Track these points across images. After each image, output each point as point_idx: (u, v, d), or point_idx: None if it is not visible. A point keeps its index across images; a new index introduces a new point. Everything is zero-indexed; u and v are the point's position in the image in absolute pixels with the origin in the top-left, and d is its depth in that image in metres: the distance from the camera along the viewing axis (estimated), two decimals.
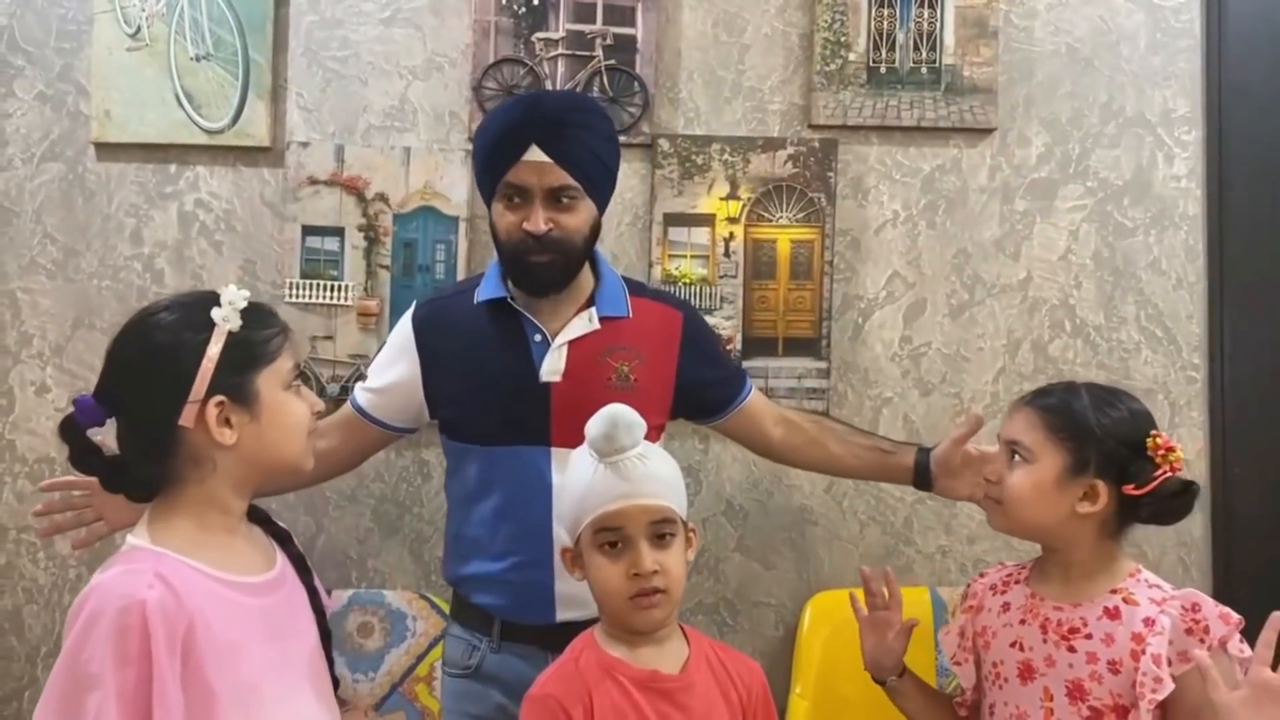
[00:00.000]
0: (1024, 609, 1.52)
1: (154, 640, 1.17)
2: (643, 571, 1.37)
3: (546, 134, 1.66)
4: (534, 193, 1.67)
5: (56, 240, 2.36)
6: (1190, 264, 2.35)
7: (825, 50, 2.33)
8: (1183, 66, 2.36)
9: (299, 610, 1.44)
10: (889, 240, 2.35)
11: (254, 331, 1.34)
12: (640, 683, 1.39)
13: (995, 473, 1.53)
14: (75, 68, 2.36)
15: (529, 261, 1.70)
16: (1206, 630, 1.38)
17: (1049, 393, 1.54)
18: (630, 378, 1.75)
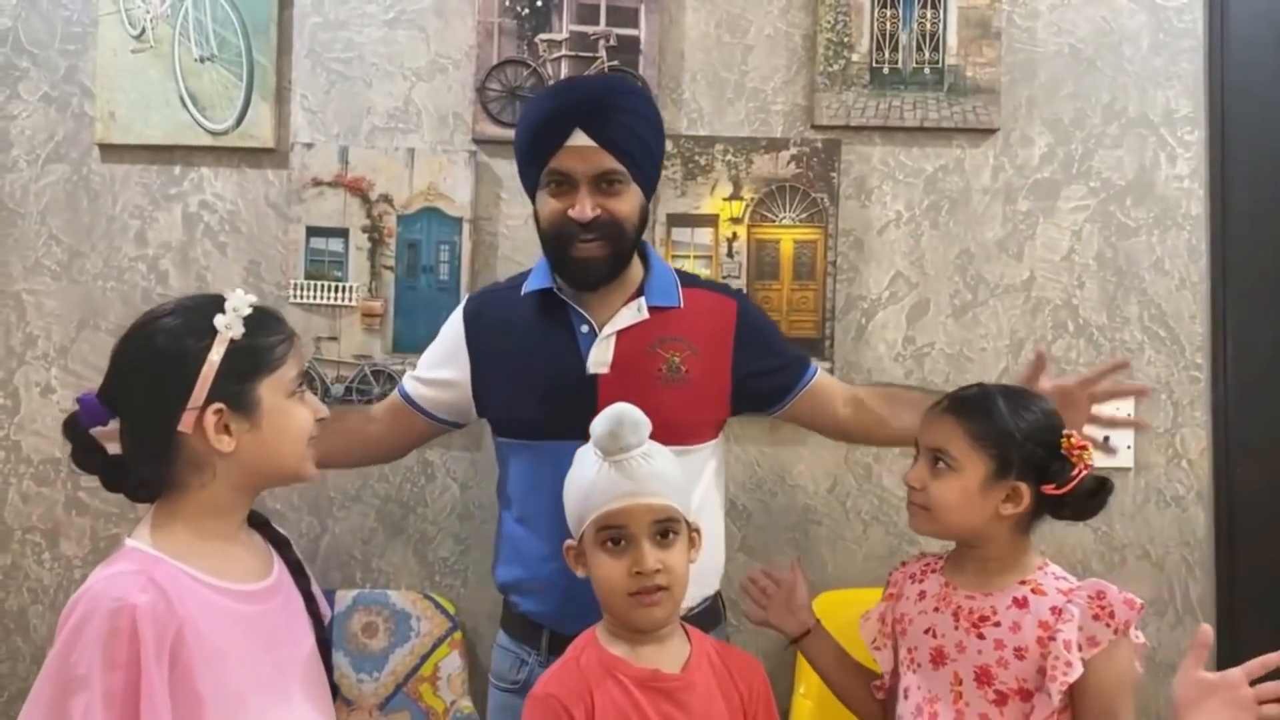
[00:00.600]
0: (938, 597, 1.55)
1: (143, 645, 1.16)
2: (645, 570, 1.38)
3: (590, 117, 1.63)
4: (579, 179, 1.63)
5: (61, 241, 2.36)
6: (1193, 264, 2.35)
7: (828, 51, 2.33)
8: (1185, 67, 2.36)
9: (294, 617, 1.42)
10: (892, 240, 2.36)
11: (257, 338, 1.33)
12: (641, 682, 1.40)
13: (919, 479, 1.53)
14: (80, 69, 2.37)
15: (575, 249, 1.65)
16: (1112, 615, 1.41)
17: (966, 400, 1.55)
18: (682, 369, 1.70)
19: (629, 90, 1.72)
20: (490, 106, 2.32)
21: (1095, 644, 1.41)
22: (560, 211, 1.65)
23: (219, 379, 1.29)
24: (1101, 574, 2.30)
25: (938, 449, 1.52)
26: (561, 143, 1.63)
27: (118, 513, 2.34)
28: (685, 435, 1.70)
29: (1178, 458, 2.34)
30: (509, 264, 2.33)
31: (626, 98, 1.68)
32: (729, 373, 1.76)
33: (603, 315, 1.71)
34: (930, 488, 1.52)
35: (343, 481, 2.29)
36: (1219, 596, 2.33)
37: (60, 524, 2.35)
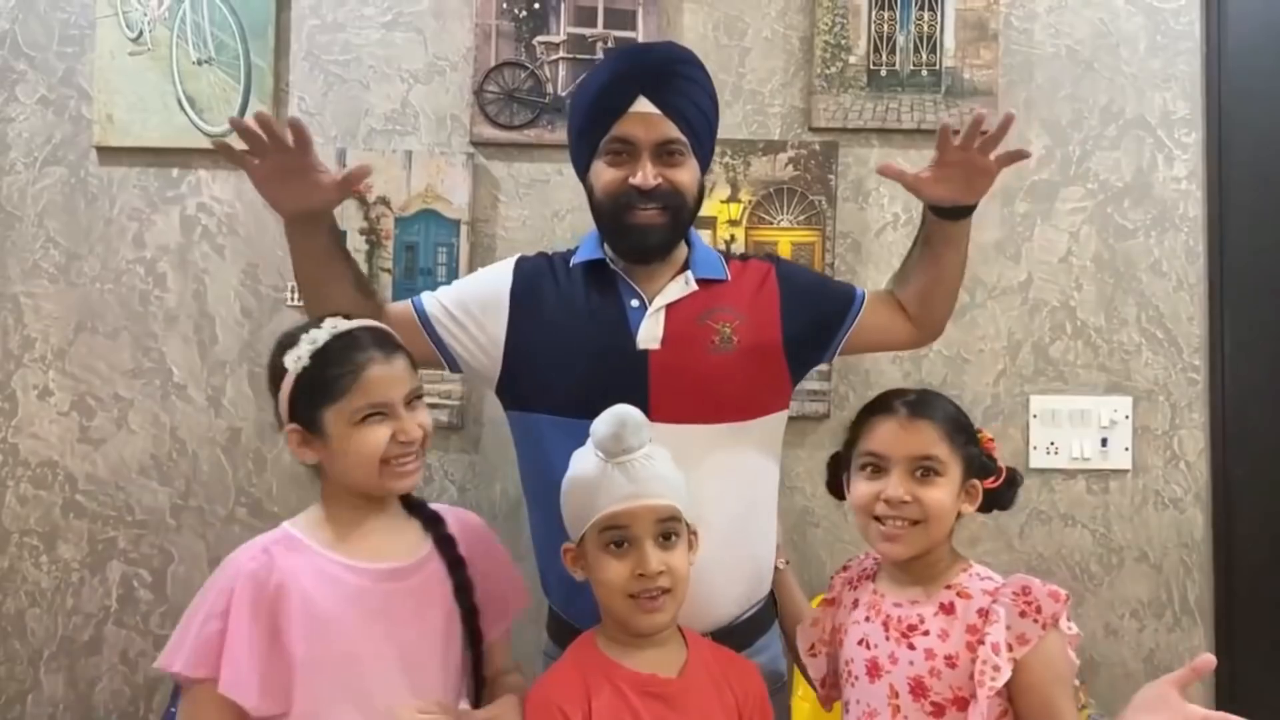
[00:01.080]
0: (869, 606, 1.52)
1: (236, 603, 1.35)
2: (648, 572, 1.38)
3: (655, 84, 1.59)
4: (641, 147, 1.59)
5: (59, 244, 2.36)
6: (1191, 265, 2.35)
7: (825, 53, 2.33)
8: (1182, 69, 2.37)
9: (428, 602, 1.47)
10: (890, 243, 2.36)
11: (324, 370, 1.43)
12: (638, 687, 1.39)
13: (909, 493, 1.46)
14: (78, 72, 2.37)
15: (634, 217, 1.60)
16: (1039, 610, 1.40)
17: (924, 403, 1.52)
18: (733, 339, 1.63)
19: (693, 60, 1.67)
20: (488, 109, 2.32)
21: (1025, 642, 1.39)
22: (620, 179, 1.61)
23: (294, 403, 1.44)
24: (1100, 576, 2.31)
25: (925, 456, 1.47)
26: (625, 109, 1.59)
27: (115, 516, 2.34)
28: (744, 408, 1.65)
29: (1176, 459, 2.34)
30: None
31: (690, 67, 1.65)
32: (779, 328, 1.68)
33: (652, 289, 1.65)
34: (924, 497, 1.46)
35: None
36: (1217, 598, 2.33)
37: (58, 527, 2.35)
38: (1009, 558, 2.12)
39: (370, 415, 1.42)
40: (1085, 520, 2.32)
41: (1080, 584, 2.28)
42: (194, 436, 2.34)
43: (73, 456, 2.35)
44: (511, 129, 2.32)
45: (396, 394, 1.44)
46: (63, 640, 2.34)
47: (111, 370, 2.35)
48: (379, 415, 1.43)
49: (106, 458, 2.35)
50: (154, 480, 2.34)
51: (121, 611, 2.33)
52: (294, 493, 2.30)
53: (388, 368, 1.44)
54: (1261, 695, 2.30)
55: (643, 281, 1.66)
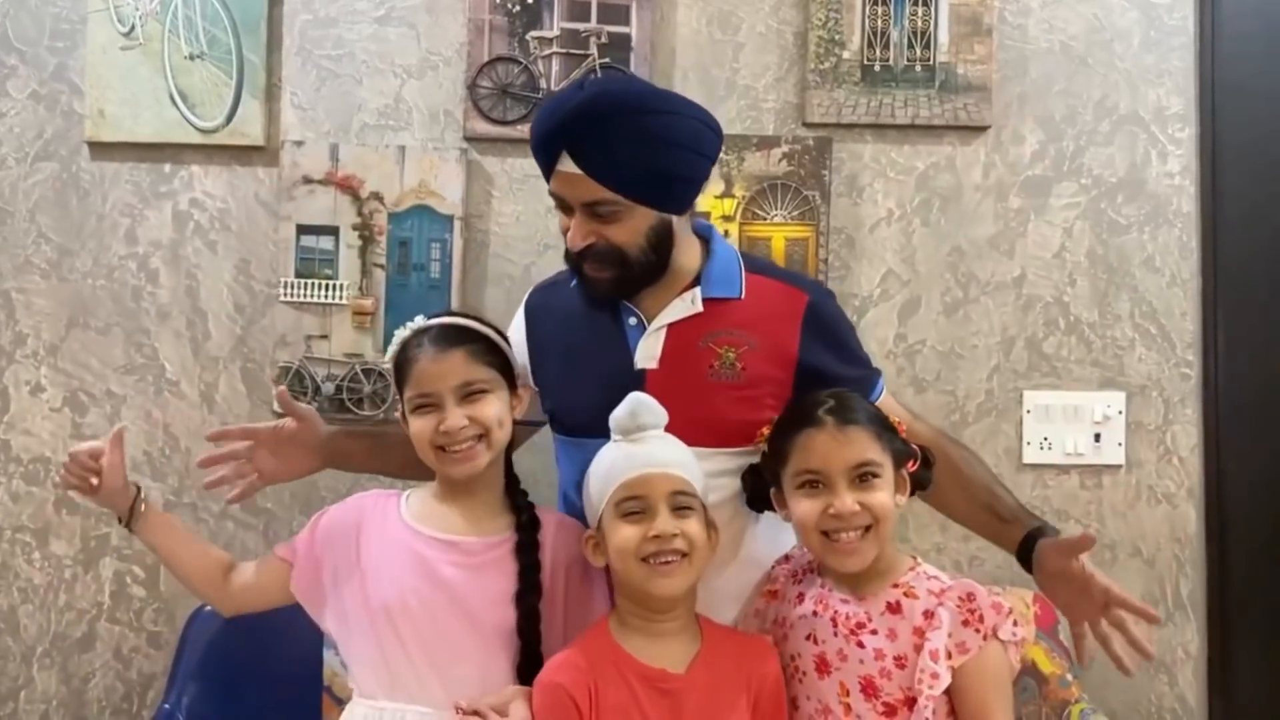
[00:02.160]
0: (816, 600, 1.50)
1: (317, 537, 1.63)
2: (662, 532, 1.39)
3: (576, 142, 1.50)
4: (571, 204, 1.55)
5: (51, 240, 2.35)
6: (1184, 261, 2.36)
7: (819, 48, 2.33)
8: (1176, 64, 2.36)
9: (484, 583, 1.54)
10: (883, 238, 2.36)
11: (400, 360, 1.60)
12: (645, 681, 1.40)
13: (856, 501, 1.42)
14: (69, 66, 2.35)
15: (584, 269, 1.60)
16: (981, 619, 1.40)
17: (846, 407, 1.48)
18: (737, 365, 1.57)
19: (623, 109, 1.52)
20: (481, 104, 2.31)
21: (965, 650, 1.39)
22: (564, 229, 1.60)
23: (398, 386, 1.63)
24: None
25: (864, 463, 1.45)
26: (554, 166, 1.55)
27: (108, 512, 2.32)
28: (736, 436, 1.58)
29: (1169, 455, 2.34)
30: (501, 262, 2.33)
31: (616, 120, 1.51)
32: (792, 368, 1.61)
33: (654, 308, 1.61)
34: (871, 503, 1.43)
35: (334, 481, 2.27)
36: (1210, 593, 2.33)
37: (50, 523, 2.34)
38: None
39: (421, 406, 1.55)
40: (1078, 516, 2.32)
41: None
42: (187, 433, 2.33)
43: (65, 453, 2.31)
44: (505, 124, 2.32)
45: (444, 386, 1.54)
46: (56, 637, 2.33)
47: (104, 366, 2.34)
48: (430, 406, 1.55)
49: None
50: (147, 476, 2.33)
51: (114, 608, 2.33)
52: (286, 488, 2.29)
53: (434, 362, 1.55)
54: (1254, 690, 2.31)
55: (643, 299, 1.62)
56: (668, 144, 1.53)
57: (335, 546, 1.60)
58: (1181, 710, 2.31)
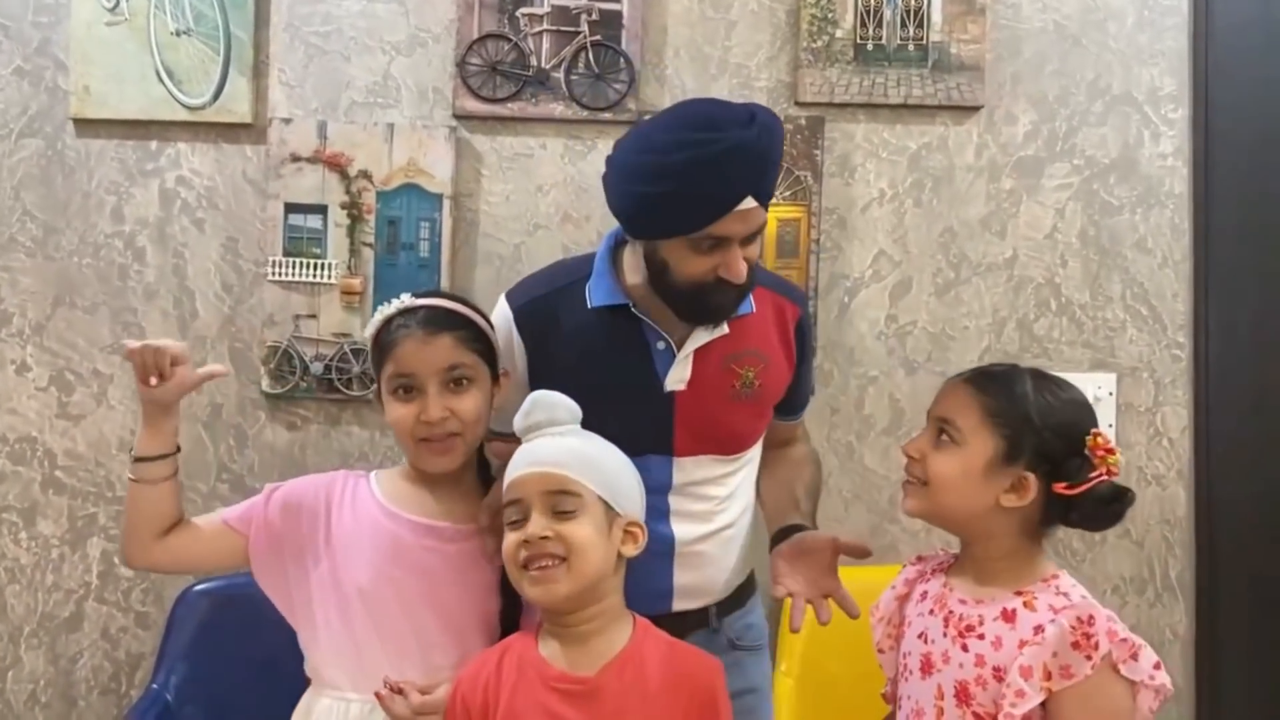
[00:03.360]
0: (936, 599, 1.43)
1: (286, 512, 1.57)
2: (530, 536, 1.35)
3: (762, 181, 1.50)
4: (735, 240, 1.50)
5: (36, 217, 2.33)
6: (1176, 243, 2.35)
7: (812, 26, 2.31)
8: (1170, 44, 2.35)
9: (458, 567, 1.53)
10: (875, 219, 2.35)
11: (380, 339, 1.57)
12: (549, 683, 1.37)
13: (918, 449, 1.41)
14: (53, 42, 2.33)
15: (715, 300, 1.55)
16: (1095, 646, 1.26)
17: (990, 374, 1.42)
18: (755, 384, 1.64)
19: (780, 131, 1.56)
20: (471, 81, 2.29)
21: (1068, 675, 1.27)
22: (710, 270, 1.51)
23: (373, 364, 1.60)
24: (1082, 553, 2.32)
25: (944, 419, 1.39)
26: (729, 210, 1.47)
27: (95, 492, 2.32)
28: (743, 443, 1.70)
29: (1159, 436, 2.34)
30: (491, 241, 2.32)
31: (781, 145, 1.57)
32: (788, 379, 1.73)
33: (680, 332, 1.61)
34: (930, 459, 1.39)
35: (321, 462, 2.28)
36: (1198, 574, 2.34)
37: (37, 503, 2.33)
38: None
39: (402, 388, 1.53)
40: None
41: (1063, 560, 2.28)
42: None
43: (52, 432, 2.33)
44: (495, 102, 2.30)
45: (429, 370, 1.51)
46: (43, 617, 2.33)
47: (90, 345, 2.33)
48: (411, 390, 1.52)
49: (86, 433, 2.33)
50: None
51: (102, 588, 2.32)
52: (275, 469, 2.29)
53: (420, 345, 1.52)
54: (1242, 670, 2.32)
55: (669, 324, 1.61)
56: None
57: (299, 524, 1.55)
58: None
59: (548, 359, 1.65)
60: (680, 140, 1.46)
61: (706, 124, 1.48)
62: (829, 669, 2.08)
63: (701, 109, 1.56)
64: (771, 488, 1.79)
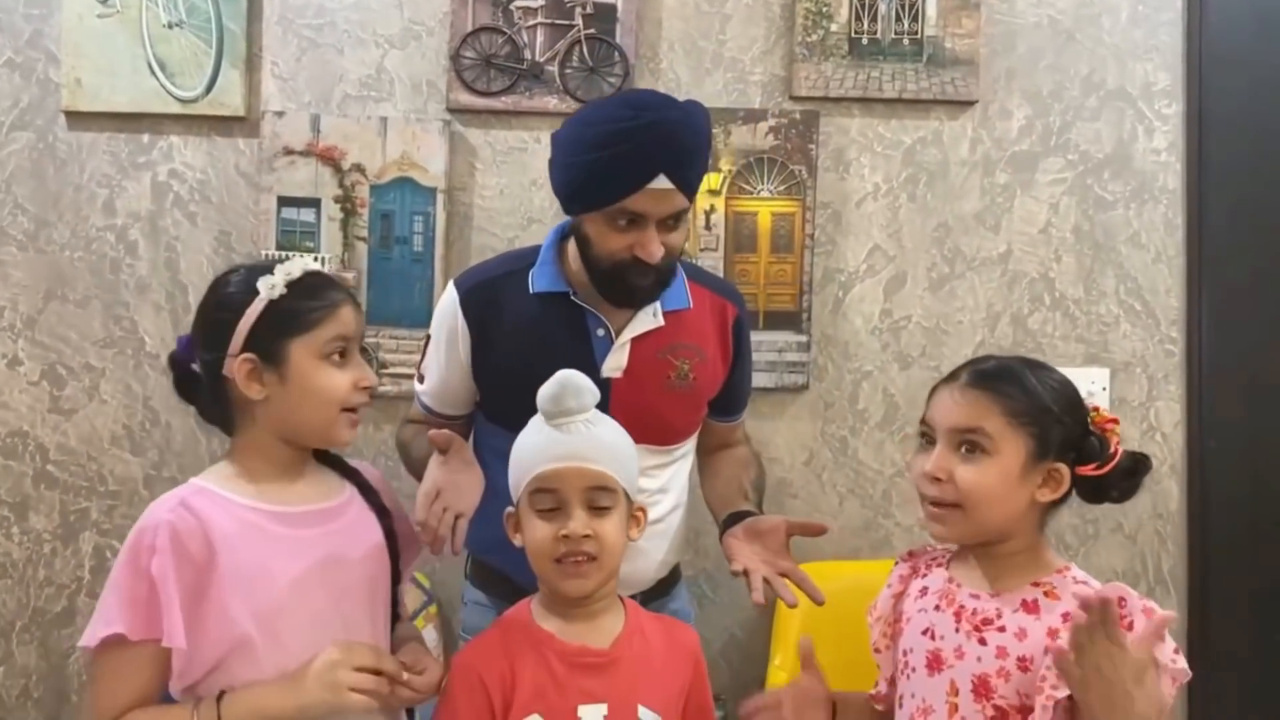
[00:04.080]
0: (940, 594, 1.39)
1: (156, 559, 1.31)
2: (572, 534, 1.35)
3: (678, 164, 1.54)
4: (650, 219, 1.55)
5: (27, 210, 2.32)
6: (1169, 238, 2.36)
7: (807, 21, 2.31)
8: (1164, 39, 2.36)
9: (357, 542, 1.47)
10: (870, 213, 2.35)
11: (298, 301, 1.41)
12: (567, 658, 1.38)
13: (944, 469, 1.33)
14: (45, 34, 2.31)
15: (633, 280, 1.59)
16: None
17: (992, 372, 1.37)
18: (690, 376, 1.68)
19: (707, 122, 1.60)
20: (465, 74, 2.29)
21: None
22: (625, 248, 1.56)
23: (256, 333, 1.39)
24: (1075, 547, 2.32)
25: (969, 429, 1.32)
26: (642, 185, 1.52)
27: (87, 486, 2.31)
28: (677, 436, 1.74)
29: (1152, 431, 2.35)
30: (484, 235, 2.31)
31: (708, 132, 1.61)
32: (724, 377, 1.77)
33: (619, 319, 1.66)
34: (961, 477, 1.31)
35: None
36: (1191, 568, 2.35)
37: (29, 497, 2.32)
38: None
39: (338, 352, 1.42)
40: None
41: (1056, 555, 2.29)
42: (166, 406, 2.30)
43: (43, 426, 2.32)
44: (489, 95, 2.29)
45: (358, 335, 1.46)
46: (35, 611, 2.32)
47: (82, 339, 2.32)
48: (342, 355, 1.43)
49: (78, 428, 2.32)
50: (126, 450, 2.31)
51: (94, 583, 2.31)
52: None
53: (353, 309, 1.45)
54: (1234, 664, 2.33)
55: (608, 309, 1.65)
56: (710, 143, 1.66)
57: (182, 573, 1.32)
58: None
59: (491, 342, 1.69)
60: (609, 115, 1.55)
61: (636, 104, 1.57)
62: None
63: (637, 94, 1.68)
64: (717, 484, 1.82)
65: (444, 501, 1.50)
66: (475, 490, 1.56)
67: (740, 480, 1.79)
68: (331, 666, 1.33)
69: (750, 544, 1.60)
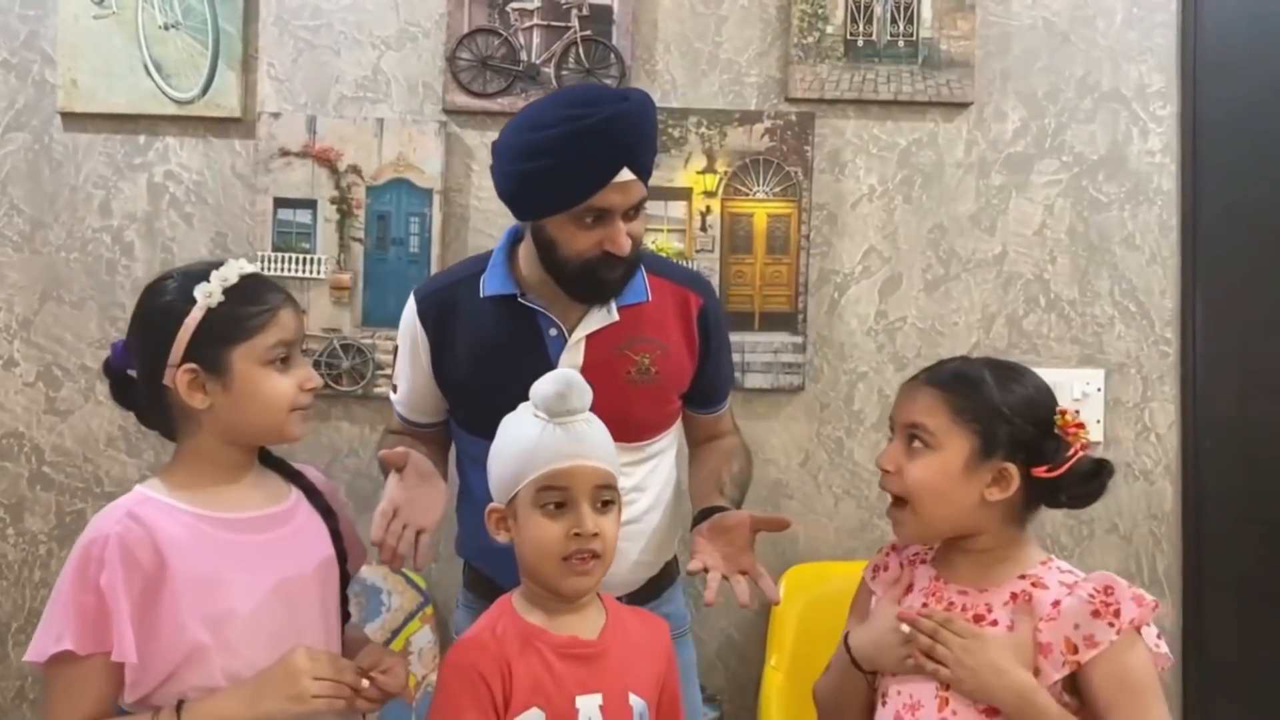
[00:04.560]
0: (927, 591, 1.40)
1: (107, 570, 1.29)
2: (585, 532, 1.36)
3: (638, 154, 1.55)
4: (616, 212, 1.55)
5: (23, 212, 2.32)
6: (1164, 239, 2.36)
7: (803, 22, 2.31)
8: (1158, 41, 2.36)
9: (306, 545, 1.47)
10: (865, 215, 2.35)
11: (238, 307, 1.39)
12: (558, 650, 1.38)
13: (893, 461, 1.39)
14: (41, 35, 2.31)
15: (604, 275, 1.59)
16: (1117, 613, 1.26)
17: (948, 371, 1.41)
18: (651, 370, 1.67)
19: (653, 110, 1.61)
20: (461, 76, 2.29)
21: (1093, 644, 1.26)
22: (595, 244, 1.56)
23: (196, 341, 1.37)
24: (1070, 547, 2.33)
25: (914, 424, 1.37)
26: (608, 181, 1.53)
27: (83, 488, 2.31)
28: (647, 431, 1.70)
29: (1146, 432, 2.35)
30: (481, 236, 2.31)
31: (655, 122, 1.61)
32: (692, 370, 1.74)
33: (572, 318, 1.65)
34: (906, 470, 1.37)
35: (312, 458, 2.27)
36: (1185, 569, 2.35)
37: (25, 499, 2.32)
38: None
39: (280, 358, 1.40)
40: None
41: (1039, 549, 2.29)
42: None
43: (39, 428, 2.32)
44: (485, 97, 2.30)
45: (299, 337, 1.45)
46: (30, 613, 2.32)
47: (78, 340, 2.32)
48: (285, 360, 1.41)
49: (74, 429, 2.32)
50: (122, 452, 2.31)
51: None
52: None
53: (293, 311, 1.44)
54: (1228, 664, 2.33)
55: (560, 309, 1.65)
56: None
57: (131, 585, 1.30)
58: None
59: (448, 348, 1.69)
60: (559, 116, 1.53)
61: (584, 100, 1.56)
62: (818, 664, 2.07)
63: (578, 90, 1.69)
64: (698, 477, 1.80)
65: (403, 519, 1.50)
66: (436, 504, 1.56)
67: (719, 474, 1.77)
68: (294, 676, 1.33)
69: (714, 540, 1.59)
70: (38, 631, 1.31)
